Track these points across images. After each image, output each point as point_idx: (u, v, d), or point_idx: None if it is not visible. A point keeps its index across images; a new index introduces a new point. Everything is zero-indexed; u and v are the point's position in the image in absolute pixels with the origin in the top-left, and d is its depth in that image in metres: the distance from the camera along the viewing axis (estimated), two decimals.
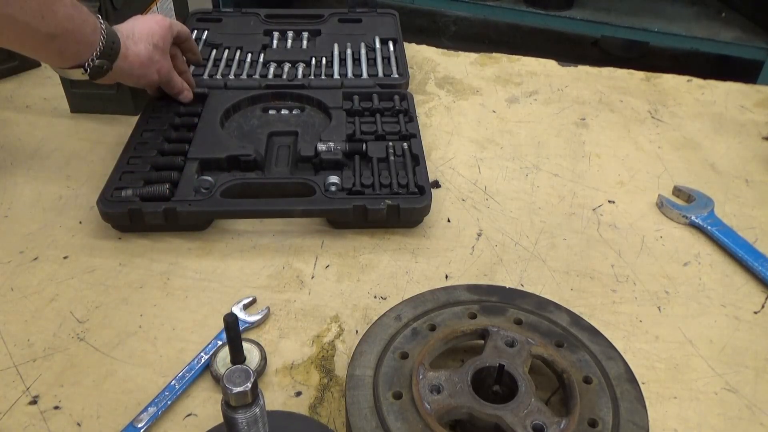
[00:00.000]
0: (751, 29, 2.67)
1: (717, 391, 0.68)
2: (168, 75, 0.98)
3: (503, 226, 0.89)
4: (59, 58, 0.84)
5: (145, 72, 0.93)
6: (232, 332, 0.64)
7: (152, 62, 0.93)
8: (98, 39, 0.84)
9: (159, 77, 0.97)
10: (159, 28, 0.94)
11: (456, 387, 0.59)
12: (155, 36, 0.93)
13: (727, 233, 0.87)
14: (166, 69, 0.97)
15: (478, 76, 1.25)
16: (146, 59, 0.92)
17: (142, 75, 0.94)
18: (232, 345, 0.65)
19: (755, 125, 1.13)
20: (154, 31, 0.93)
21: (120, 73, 0.90)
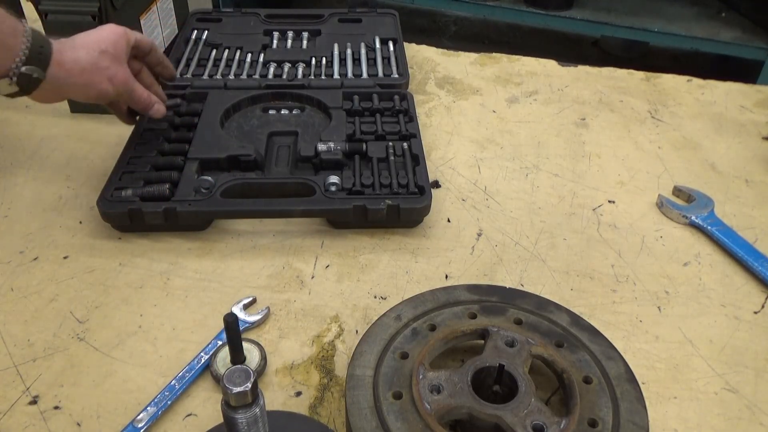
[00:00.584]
0: (751, 29, 2.67)
1: (717, 391, 0.68)
2: (126, 85, 0.85)
3: (503, 226, 0.89)
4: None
5: (89, 80, 0.81)
6: (232, 332, 0.64)
7: (98, 69, 0.81)
8: (19, 43, 0.75)
9: (114, 87, 0.83)
10: (109, 34, 0.83)
11: (456, 387, 0.59)
12: (103, 42, 0.82)
13: (727, 233, 0.87)
14: (122, 78, 0.84)
15: (478, 76, 1.25)
16: (89, 65, 0.80)
17: (87, 84, 0.81)
18: (232, 345, 0.65)
19: (755, 125, 1.13)
20: (103, 37, 0.83)
21: (58, 83, 0.79)
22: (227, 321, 0.62)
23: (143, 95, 0.89)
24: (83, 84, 0.81)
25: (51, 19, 0.98)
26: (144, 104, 0.89)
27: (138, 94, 0.88)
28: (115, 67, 0.83)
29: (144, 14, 1.10)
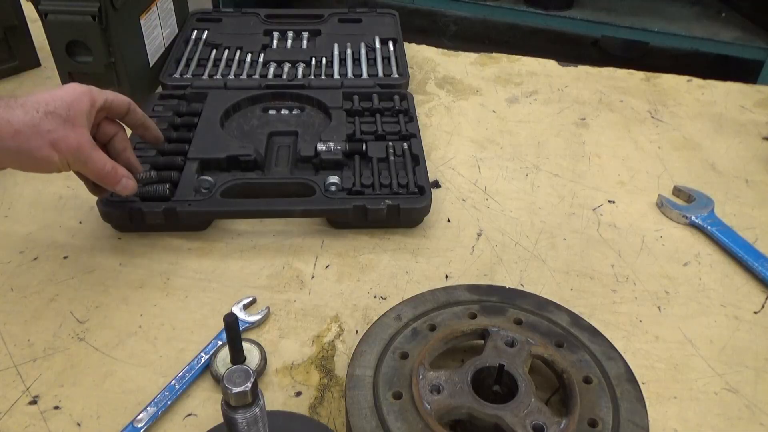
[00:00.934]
0: (751, 29, 2.67)
1: (717, 391, 0.68)
2: (78, 153, 0.68)
3: (503, 226, 0.89)
4: None
5: (23, 145, 0.65)
6: (232, 332, 0.64)
7: (37, 132, 0.66)
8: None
9: (60, 156, 0.67)
10: (66, 94, 0.69)
11: (456, 387, 0.59)
12: (54, 102, 0.67)
13: (727, 233, 0.87)
14: (72, 144, 0.68)
15: (478, 76, 1.25)
16: (24, 127, 0.65)
17: (20, 149, 0.65)
18: (232, 345, 0.65)
19: (755, 125, 1.13)
20: (56, 97, 0.68)
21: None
22: (227, 321, 0.62)
23: (102, 167, 0.71)
24: (15, 149, 0.65)
25: (51, 19, 0.98)
26: (103, 177, 0.72)
27: (95, 164, 0.70)
28: (63, 131, 0.67)
29: (144, 14, 1.10)
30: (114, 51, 1.02)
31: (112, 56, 1.02)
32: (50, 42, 1.01)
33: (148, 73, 1.13)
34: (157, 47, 1.16)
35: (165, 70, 1.12)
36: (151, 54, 1.13)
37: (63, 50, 1.01)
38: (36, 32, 1.16)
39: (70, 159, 0.68)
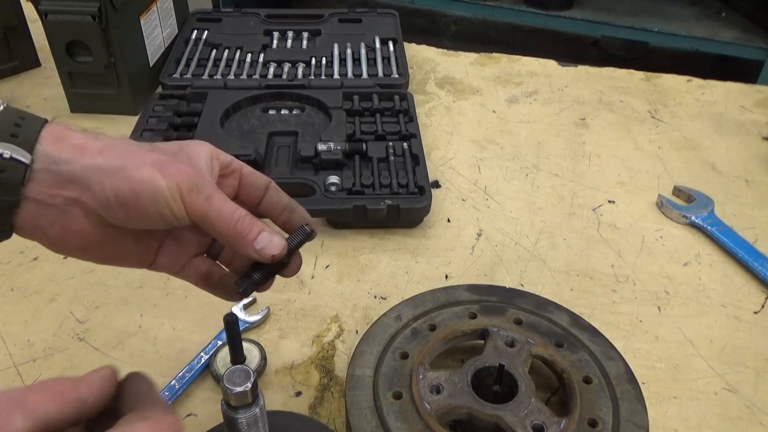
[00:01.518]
0: (751, 29, 2.67)
1: (717, 391, 0.68)
2: (197, 182, 0.49)
3: (503, 226, 0.89)
4: None
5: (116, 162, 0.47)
6: (232, 332, 0.64)
7: (137, 152, 0.49)
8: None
9: (168, 180, 0.47)
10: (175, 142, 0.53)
11: (456, 387, 0.59)
12: (159, 144, 0.51)
13: (727, 233, 0.87)
14: (188, 170, 0.49)
15: (478, 76, 1.25)
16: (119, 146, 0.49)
17: (113, 168, 0.47)
18: (232, 345, 0.65)
19: (755, 125, 1.13)
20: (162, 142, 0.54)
21: (64, 171, 0.47)
22: (227, 321, 0.62)
23: (231, 211, 0.50)
24: (105, 168, 0.47)
25: (51, 19, 0.98)
26: (233, 228, 0.49)
27: (220, 205, 0.49)
28: (173, 159, 0.49)
29: (144, 14, 1.10)
30: (114, 51, 1.02)
31: (112, 56, 1.02)
32: (50, 42, 1.01)
33: (148, 73, 1.13)
34: (157, 47, 1.16)
35: (165, 70, 1.12)
36: (151, 54, 1.14)
37: (63, 50, 1.01)
38: (36, 32, 1.16)
39: (183, 187, 0.47)
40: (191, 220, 0.49)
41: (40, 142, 0.46)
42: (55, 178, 0.46)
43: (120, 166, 0.47)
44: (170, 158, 0.49)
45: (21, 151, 0.45)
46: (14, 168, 0.45)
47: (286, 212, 0.56)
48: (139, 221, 0.48)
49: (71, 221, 0.48)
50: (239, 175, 0.54)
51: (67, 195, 0.47)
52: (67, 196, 0.47)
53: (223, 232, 0.49)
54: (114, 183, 0.46)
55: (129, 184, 0.46)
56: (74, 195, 0.47)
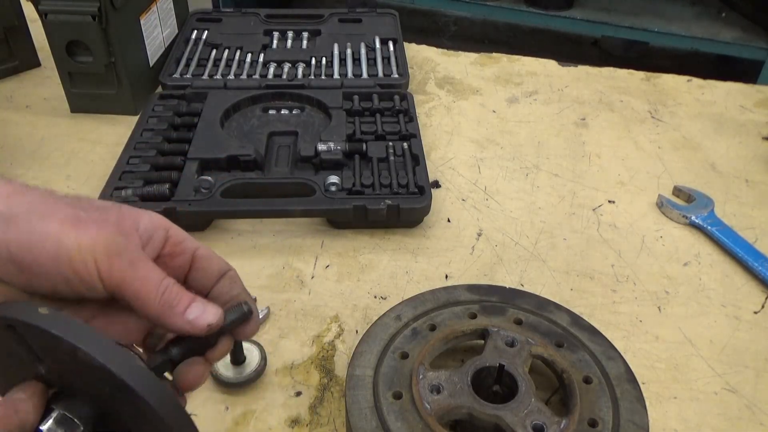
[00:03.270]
0: (751, 29, 2.67)
1: (717, 391, 0.68)
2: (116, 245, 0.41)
3: (503, 226, 0.89)
4: None
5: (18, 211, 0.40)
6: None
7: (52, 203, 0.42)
8: None
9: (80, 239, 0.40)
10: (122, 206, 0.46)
11: (456, 387, 0.59)
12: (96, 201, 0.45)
13: (727, 233, 0.87)
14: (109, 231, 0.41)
15: (478, 76, 1.25)
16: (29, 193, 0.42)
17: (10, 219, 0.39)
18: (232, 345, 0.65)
19: (755, 125, 1.13)
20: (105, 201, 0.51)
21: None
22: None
23: (156, 281, 0.43)
24: (9, 216, 0.39)
25: (51, 19, 0.98)
26: (157, 299, 0.42)
27: (143, 273, 0.42)
28: (97, 215, 0.42)
29: (144, 14, 1.10)
30: (114, 51, 1.02)
31: (112, 56, 1.02)
32: (50, 42, 1.01)
33: (148, 73, 1.13)
34: (157, 47, 1.16)
35: (165, 70, 1.12)
36: (151, 54, 1.14)
37: (63, 50, 1.01)
38: (36, 32, 1.16)
39: (100, 249, 0.40)
40: (107, 291, 0.41)
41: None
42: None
43: (23, 215, 0.39)
44: (93, 214, 0.42)
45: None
46: None
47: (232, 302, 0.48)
48: (39, 285, 0.40)
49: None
50: (191, 257, 0.47)
51: None
52: None
53: (146, 303, 0.41)
54: (10, 235, 0.38)
55: (27, 238, 0.38)
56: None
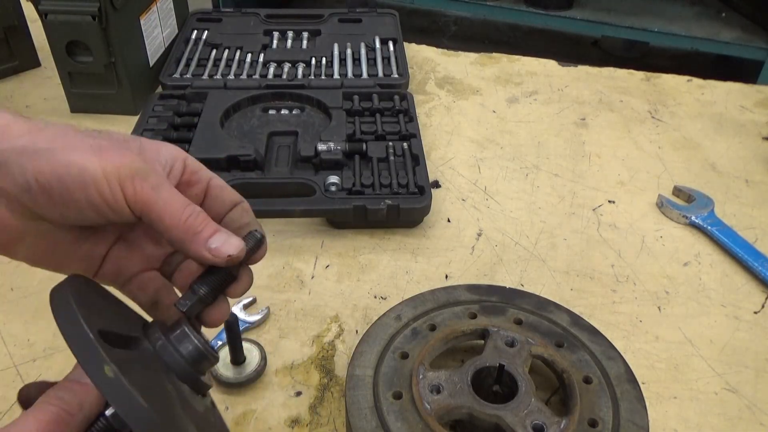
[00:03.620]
0: (751, 29, 2.67)
1: (717, 391, 0.68)
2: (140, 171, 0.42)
3: (503, 226, 0.89)
4: None
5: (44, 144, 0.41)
6: (232, 332, 0.64)
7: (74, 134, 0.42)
8: None
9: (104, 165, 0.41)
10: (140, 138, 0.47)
11: (456, 387, 0.59)
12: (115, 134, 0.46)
13: (727, 233, 0.87)
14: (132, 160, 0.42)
15: (478, 76, 1.25)
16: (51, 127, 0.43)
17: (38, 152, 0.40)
18: (232, 345, 0.65)
19: (755, 125, 1.13)
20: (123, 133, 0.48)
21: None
22: (227, 321, 0.62)
23: (181, 206, 0.43)
24: (33, 150, 0.40)
25: (51, 19, 0.98)
26: (181, 225, 0.43)
27: (167, 198, 0.43)
28: (118, 147, 0.43)
29: (144, 14, 1.10)
30: (114, 51, 1.02)
31: (112, 56, 1.03)
32: (50, 42, 1.01)
33: (148, 73, 1.13)
34: (157, 47, 1.16)
35: (165, 70, 1.12)
36: (151, 54, 1.14)
37: (63, 50, 1.01)
38: (36, 32, 1.16)
39: (124, 172, 0.41)
40: (133, 213, 0.42)
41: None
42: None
43: (47, 148, 0.40)
44: (115, 144, 0.43)
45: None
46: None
47: (243, 229, 0.48)
48: (68, 212, 0.41)
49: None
50: (206, 186, 0.49)
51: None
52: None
53: (171, 226, 0.42)
54: (36, 166, 0.40)
55: (53, 167, 0.40)
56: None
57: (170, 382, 0.42)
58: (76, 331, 0.37)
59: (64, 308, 0.38)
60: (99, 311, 0.41)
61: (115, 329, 0.41)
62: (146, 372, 0.40)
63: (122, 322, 0.44)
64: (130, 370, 0.37)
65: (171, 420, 0.37)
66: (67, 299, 0.38)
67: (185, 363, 0.43)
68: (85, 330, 0.37)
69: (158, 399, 0.38)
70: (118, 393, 0.36)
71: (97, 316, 0.40)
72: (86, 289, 0.42)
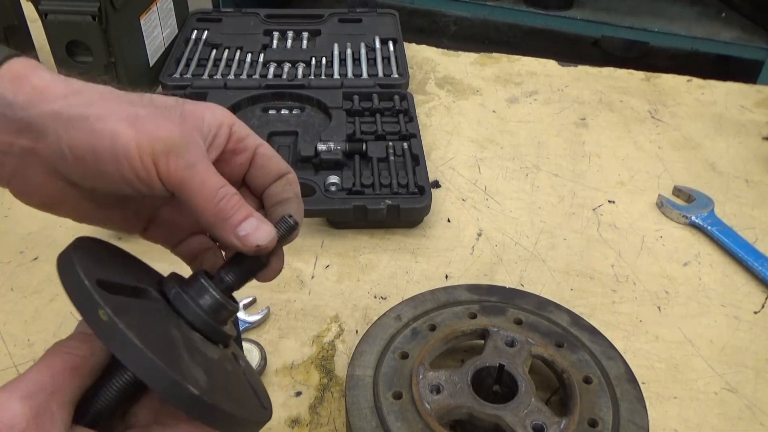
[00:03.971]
0: (751, 29, 2.67)
1: (717, 391, 0.68)
2: (176, 147, 0.40)
3: (503, 226, 0.89)
4: None
5: (77, 110, 0.40)
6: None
7: (112, 99, 0.42)
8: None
9: (138, 136, 0.39)
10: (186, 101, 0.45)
11: (456, 387, 0.59)
12: (160, 97, 0.44)
13: (727, 233, 0.87)
14: (171, 131, 0.41)
15: (478, 76, 1.25)
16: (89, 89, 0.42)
17: (72, 117, 0.39)
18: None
19: (755, 125, 1.13)
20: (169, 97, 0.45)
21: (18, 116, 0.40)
22: None
23: (215, 185, 0.42)
24: (68, 117, 0.39)
25: (51, 19, 0.98)
26: (214, 207, 0.41)
27: (203, 177, 0.41)
28: (156, 115, 0.41)
29: (144, 14, 1.10)
30: (114, 51, 1.02)
31: (112, 56, 1.02)
32: (50, 42, 1.01)
33: (148, 73, 1.13)
34: (157, 47, 1.16)
35: (165, 70, 1.12)
36: (151, 54, 1.13)
37: (63, 50, 1.01)
38: (36, 32, 1.16)
39: (158, 148, 0.39)
40: (167, 189, 0.41)
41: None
42: (9, 124, 0.40)
43: (81, 115, 0.39)
44: (153, 113, 0.41)
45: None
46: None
47: (281, 206, 0.46)
48: (100, 183, 0.41)
49: (31, 174, 0.42)
50: (252, 155, 0.46)
51: (23, 144, 0.41)
52: (23, 146, 0.41)
53: (201, 208, 0.41)
54: (71, 135, 0.39)
55: (87, 137, 0.39)
56: (30, 145, 0.40)
57: (177, 328, 0.41)
58: (73, 280, 0.38)
59: (64, 262, 0.40)
60: (105, 266, 0.42)
61: (121, 281, 0.40)
62: (147, 317, 0.40)
63: (132, 276, 0.44)
64: (128, 314, 0.37)
65: (171, 362, 0.37)
66: (69, 255, 0.40)
67: (201, 312, 0.42)
68: (80, 278, 0.37)
69: (158, 341, 0.37)
70: (112, 335, 0.36)
71: (101, 269, 0.40)
72: (95, 248, 0.43)
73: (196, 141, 0.42)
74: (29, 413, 0.34)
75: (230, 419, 0.39)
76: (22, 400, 0.35)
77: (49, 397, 0.36)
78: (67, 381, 0.37)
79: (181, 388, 0.36)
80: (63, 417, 0.36)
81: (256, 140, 0.47)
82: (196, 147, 0.41)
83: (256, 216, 0.42)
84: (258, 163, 0.46)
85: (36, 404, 0.35)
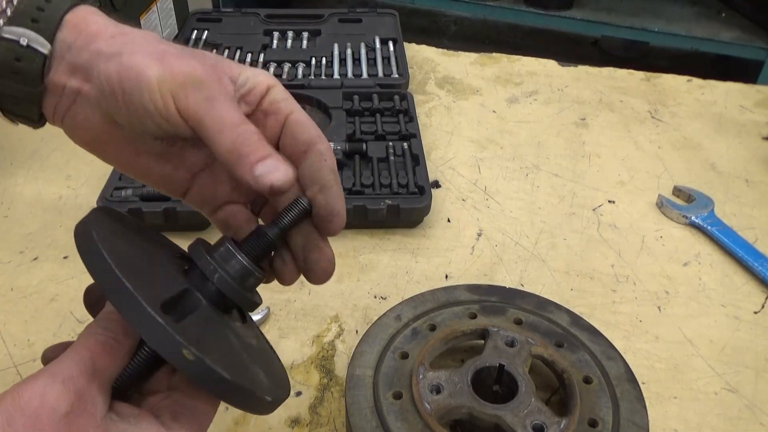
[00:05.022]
0: (751, 29, 2.67)
1: (717, 391, 0.68)
2: (200, 83, 0.41)
3: (503, 226, 0.89)
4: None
5: (120, 48, 0.42)
6: None
7: (145, 41, 0.43)
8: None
9: (163, 71, 0.41)
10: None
11: (456, 387, 0.59)
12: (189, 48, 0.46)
13: (727, 233, 0.87)
14: (194, 68, 0.42)
15: (478, 76, 1.25)
16: (126, 30, 0.44)
17: (113, 54, 0.42)
18: None
19: (755, 125, 1.13)
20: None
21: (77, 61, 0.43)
22: None
23: (238, 121, 0.42)
24: (108, 54, 0.42)
25: None
26: (234, 142, 0.41)
27: (225, 114, 0.41)
28: (184, 58, 0.42)
29: (144, 14, 1.10)
30: None
31: None
32: None
33: None
34: None
35: None
36: None
37: None
38: None
39: (179, 80, 0.40)
40: (188, 125, 0.41)
41: (61, 28, 0.43)
42: (67, 66, 0.43)
43: (118, 51, 0.41)
44: (182, 52, 0.42)
45: (40, 39, 0.42)
46: (31, 58, 0.42)
47: (316, 188, 0.44)
48: (132, 118, 0.42)
49: (78, 112, 0.45)
50: (284, 119, 0.45)
51: (72, 85, 0.44)
52: (73, 87, 0.44)
53: (219, 144, 0.40)
54: (106, 69, 0.41)
55: (117, 70, 0.41)
56: (78, 84, 0.43)
57: (230, 329, 0.41)
58: (132, 304, 0.36)
59: (88, 247, 0.38)
60: (128, 246, 0.42)
61: (160, 282, 0.41)
62: (205, 329, 0.40)
63: (152, 254, 0.45)
64: (199, 342, 0.37)
65: (244, 375, 0.38)
66: (99, 253, 0.38)
67: (233, 282, 0.42)
68: (145, 308, 0.36)
69: (223, 356, 0.38)
70: (200, 372, 0.36)
71: (124, 252, 0.40)
72: (110, 226, 0.42)
73: (222, 80, 0.43)
74: (72, 397, 0.35)
75: (268, 405, 0.41)
76: (65, 383, 0.36)
77: (89, 380, 0.37)
78: (106, 363, 0.38)
79: (257, 398, 0.39)
80: (103, 398, 0.37)
81: (290, 106, 0.46)
82: (218, 85, 0.42)
83: (276, 156, 0.41)
84: (289, 130, 0.45)
85: (78, 387, 0.36)
